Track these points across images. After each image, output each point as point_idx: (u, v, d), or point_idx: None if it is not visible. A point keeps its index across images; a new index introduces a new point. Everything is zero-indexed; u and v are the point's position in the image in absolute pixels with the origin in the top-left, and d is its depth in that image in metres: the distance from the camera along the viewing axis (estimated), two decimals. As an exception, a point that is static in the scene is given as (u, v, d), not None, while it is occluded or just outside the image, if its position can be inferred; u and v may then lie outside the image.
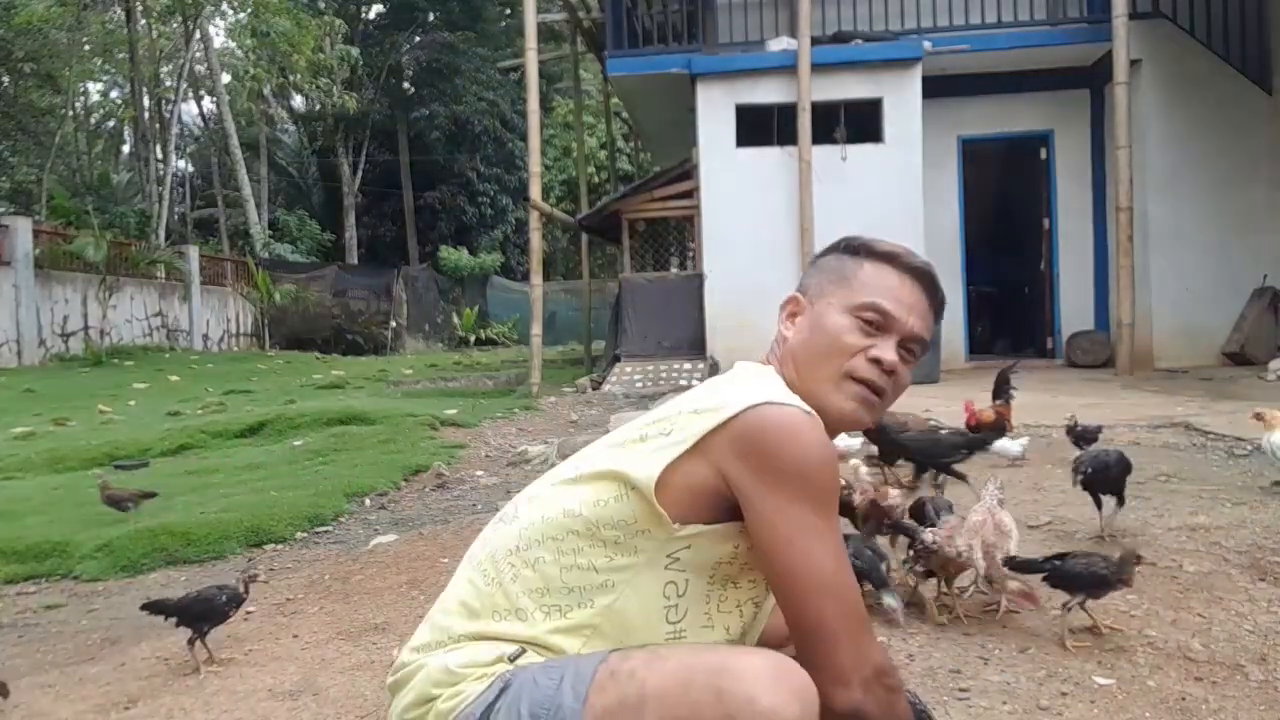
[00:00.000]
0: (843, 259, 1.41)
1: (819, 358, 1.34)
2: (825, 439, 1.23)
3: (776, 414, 1.21)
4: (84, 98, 28.92)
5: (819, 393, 1.32)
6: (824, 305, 1.37)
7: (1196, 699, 1.96)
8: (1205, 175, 9.87)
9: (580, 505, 1.29)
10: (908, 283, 1.38)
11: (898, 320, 1.34)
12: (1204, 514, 3.55)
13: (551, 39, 17.16)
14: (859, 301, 1.34)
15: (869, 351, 1.33)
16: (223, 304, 20.40)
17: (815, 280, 1.42)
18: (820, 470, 1.21)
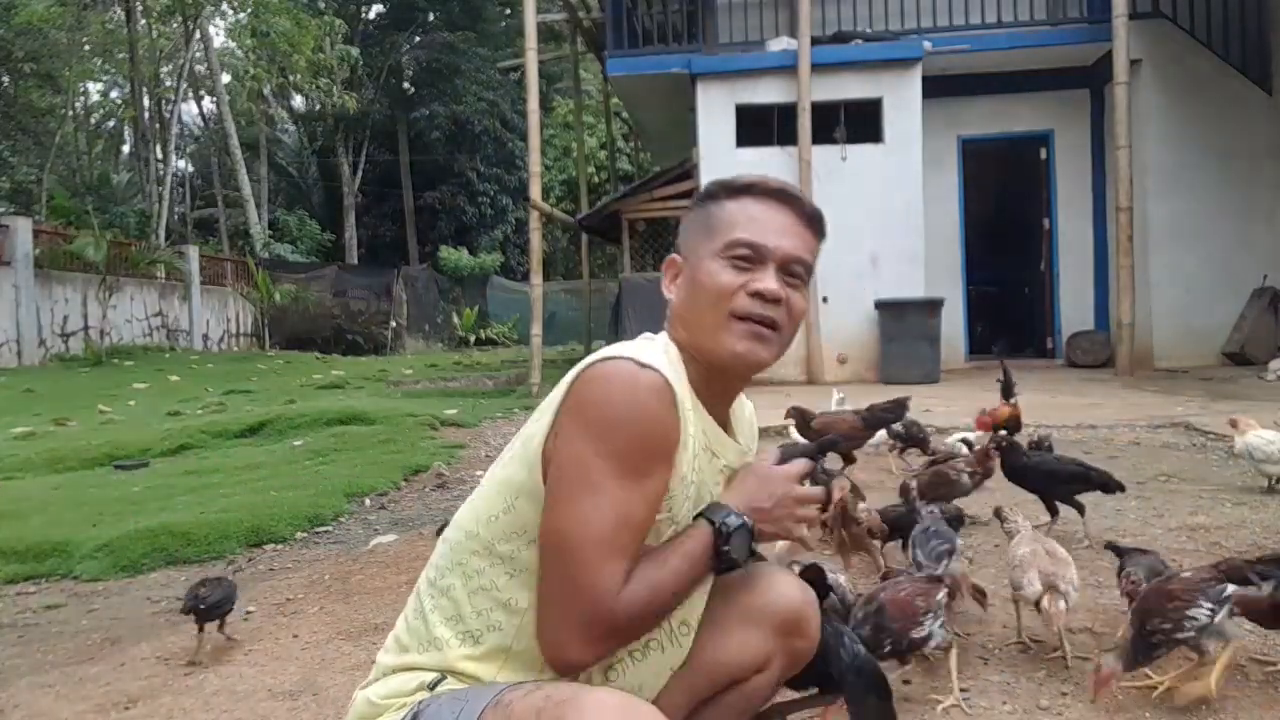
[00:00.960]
0: (705, 207, 1.36)
1: (701, 308, 1.30)
2: (646, 392, 1.17)
3: (600, 367, 1.19)
4: (84, 98, 28.93)
5: (709, 343, 1.29)
6: (696, 258, 1.33)
7: (1196, 699, 1.96)
8: (1205, 175, 9.87)
9: (476, 524, 1.27)
10: (770, 207, 1.34)
11: (768, 248, 1.30)
12: (1204, 514, 3.56)
13: (551, 39, 17.15)
14: (725, 241, 1.30)
15: (748, 286, 1.28)
16: (223, 304, 20.40)
17: (686, 237, 1.37)
18: (621, 421, 1.15)
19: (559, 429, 1.19)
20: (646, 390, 1.17)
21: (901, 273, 9.50)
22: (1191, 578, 1.94)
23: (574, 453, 1.16)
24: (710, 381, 1.33)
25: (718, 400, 1.37)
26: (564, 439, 1.18)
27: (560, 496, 1.17)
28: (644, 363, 1.18)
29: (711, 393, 1.33)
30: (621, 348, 1.23)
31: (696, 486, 1.29)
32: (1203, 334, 9.81)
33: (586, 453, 1.15)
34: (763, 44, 10.19)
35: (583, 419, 1.17)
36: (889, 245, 9.57)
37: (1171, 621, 1.85)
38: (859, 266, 9.61)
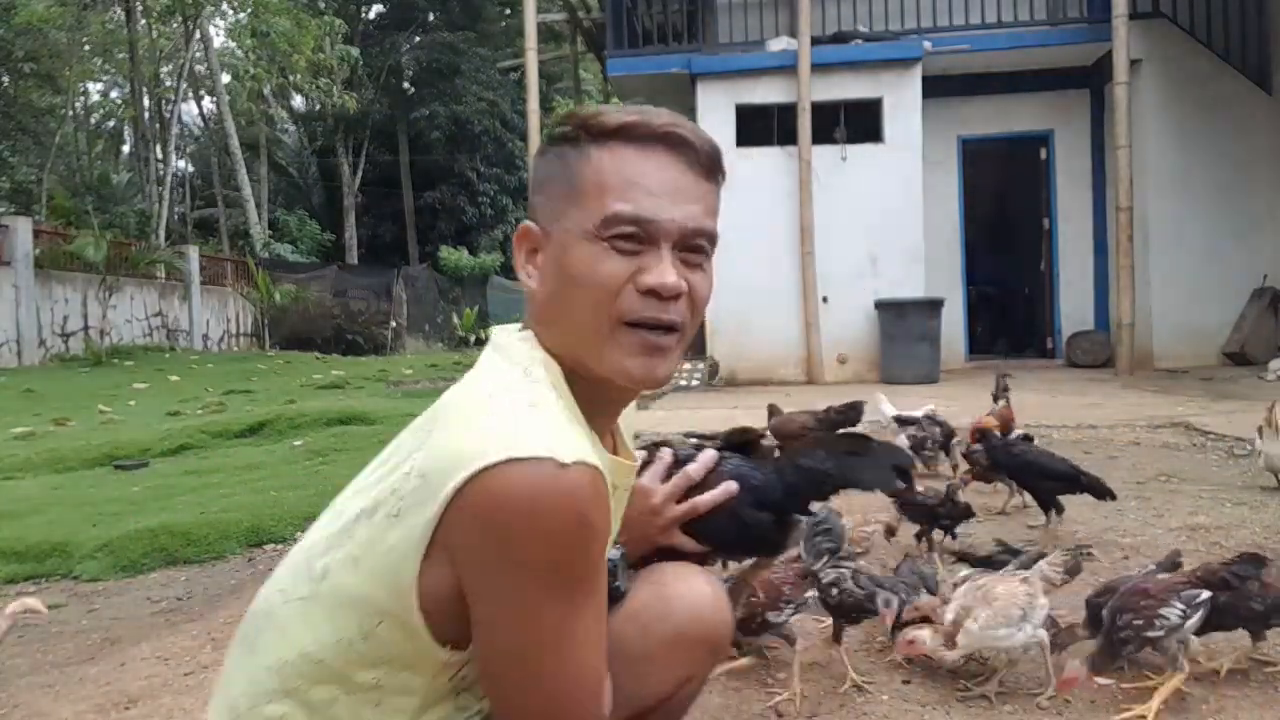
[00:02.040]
0: (564, 153, 1.01)
1: (576, 311, 0.99)
2: (585, 506, 0.89)
3: (505, 483, 0.87)
4: (84, 98, 28.94)
5: (589, 358, 1.00)
6: (561, 234, 1.00)
7: (1196, 699, 1.96)
8: (1205, 175, 9.88)
9: (320, 649, 0.98)
10: (657, 158, 0.99)
11: (660, 222, 0.97)
12: (1204, 514, 3.55)
13: (551, 39, 17.16)
14: (600, 216, 0.97)
15: (637, 280, 0.97)
16: (223, 304, 20.40)
17: (543, 197, 1.03)
18: (569, 553, 0.90)
19: (461, 563, 0.91)
20: (582, 503, 0.89)
21: (901, 273, 9.50)
22: (1168, 580, 1.95)
23: (513, 604, 0.91)
24: (595, 399, 1.04)
25: (607, 418, 1.09)
26: (483, 586, 0.91)
27: (521, 656, 0.93)
28: (563, 461, 0.88)
29: (597, 410, 1.05)
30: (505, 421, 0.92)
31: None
32: (1203, 334, 9.82)
33: (532, 598, 0.90)
34: (763, 44, 10.19)
35: (509, 561, 0.89)
36: (889, 245, 9.57)
37: (1143, 619, 1.85)
38: (859, 266, 9.61)
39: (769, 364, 9.70)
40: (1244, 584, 1.95)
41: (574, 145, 1.00)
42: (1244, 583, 1.95)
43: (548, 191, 1.02)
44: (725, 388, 9.43)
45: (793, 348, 9.65)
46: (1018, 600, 1.90)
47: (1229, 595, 1.92)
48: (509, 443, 0.88)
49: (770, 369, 9.68)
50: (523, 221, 1.06)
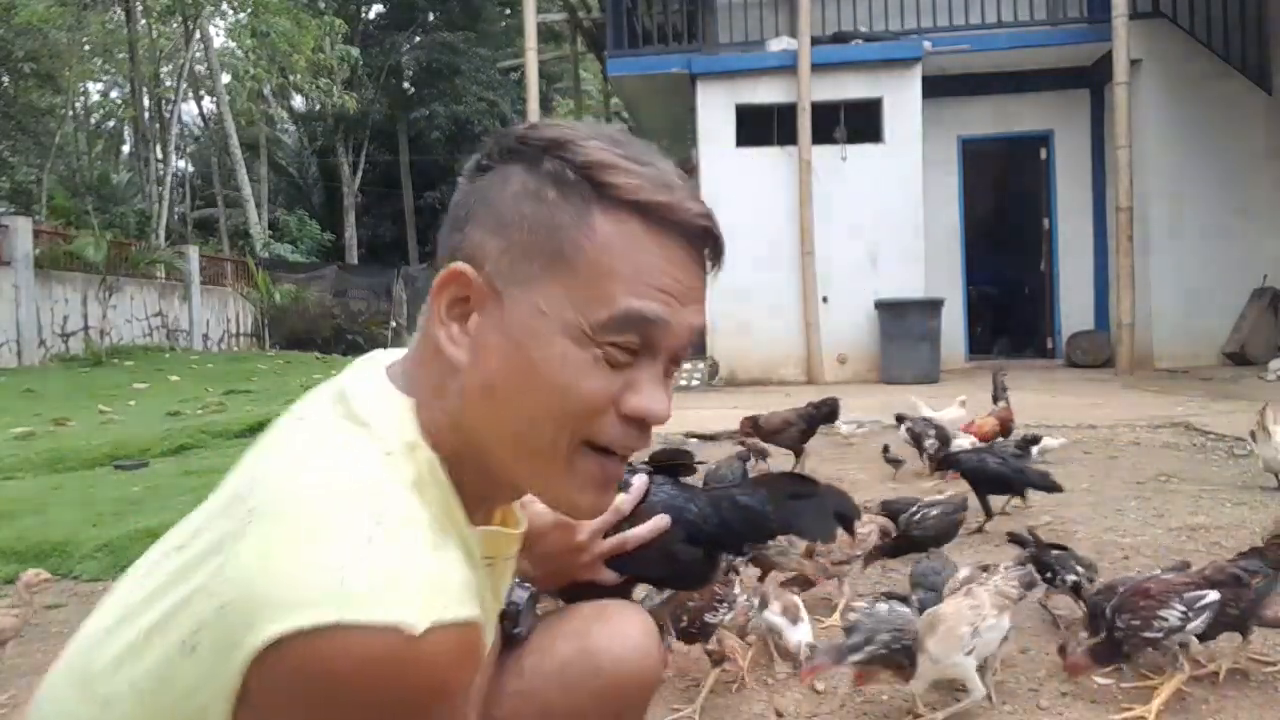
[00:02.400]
0: (547, 198, 0.75)
1: (532, 417, 0.76)
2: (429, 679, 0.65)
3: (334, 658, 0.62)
4: (84, 98, 28.93)
5: (533, 479, 0.80)
6: (527, 310, 0.75)
7: (1196, 699, 1.96)
8: (1205, 175, 9.88)
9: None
10: (679, 252, 0.77)
11: (675, 332, 0.78)
12: (1204, 514, 3.55)
13: (551, 39, 17.17)
14: (604, 314, 0.74)
15: (624, 403, 0.76)
16: (223, 304, 20.40)
17: (503, 240, 0.76)
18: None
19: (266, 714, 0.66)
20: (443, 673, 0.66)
21: (901, 273, 9.50)
22: (1172, 580, 1.92)
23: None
24: (488, 492, 0.83)
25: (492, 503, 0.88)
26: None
27: None
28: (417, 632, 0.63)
29: (485, 498, 0.84)
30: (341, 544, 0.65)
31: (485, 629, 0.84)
32: (1203, 334, 9.82)
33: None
34: (763, 44, 10.20)
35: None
36: (889, 245, 9.57)
37: (1141, 620, 1.83)
38: (859, 266, 9.61)
39: (769, 364, 9.70)
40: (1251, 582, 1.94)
41: (566, 194, 0.75)
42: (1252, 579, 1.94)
43: (512, 239, 0.76)
44: (725, 388, 9.43)
45: (793, 348, 9.65)
46: (964, 618, 1.81)
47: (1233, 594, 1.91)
48: (341, 597, 0.62)
49: (770, 369, 9.68)
50: (453, 262, 0.77)
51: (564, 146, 0.76)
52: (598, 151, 0.76)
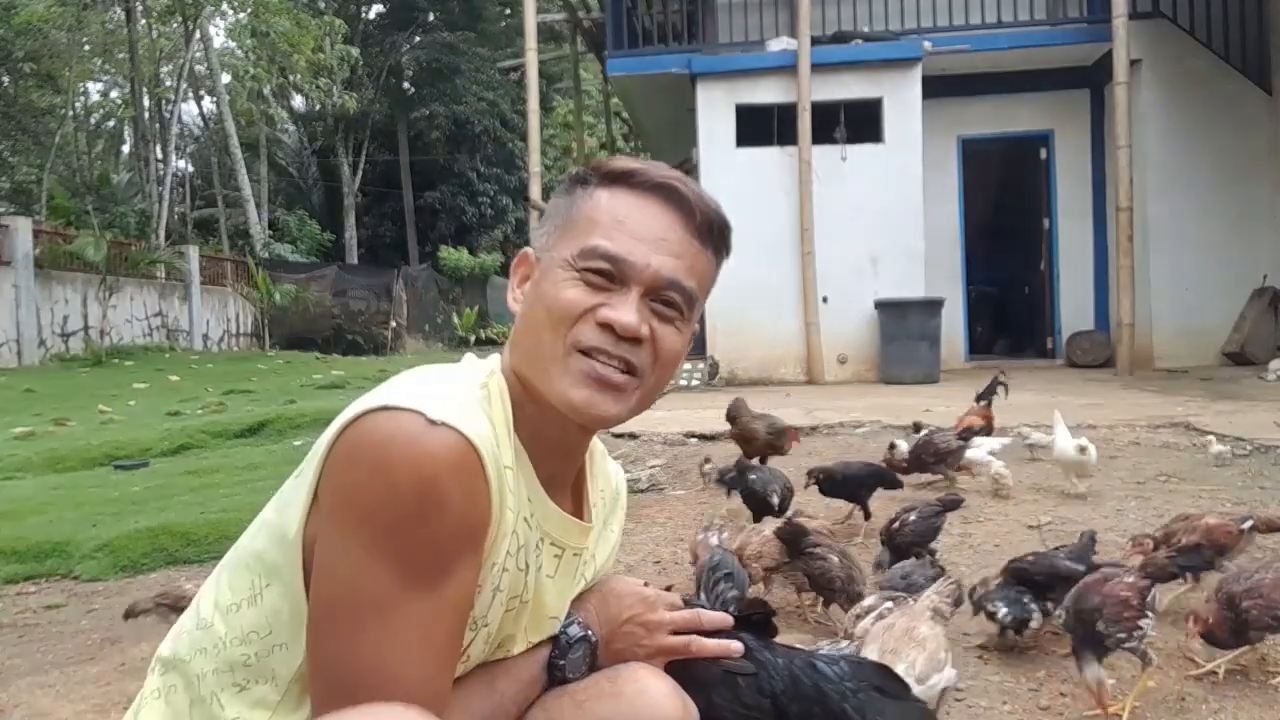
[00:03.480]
0: (573, 192, 1.04)
1: (539, 331, 0.99)
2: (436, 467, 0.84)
3: (371, 425, 0.86)
4: (84, 98, 28.91)
5: (542, 380, 0.98)
6: (547, 262, 1.01)
7: (1196, 699, 1.96)
8: (1205, 175, 9.88)
9: (214, 613, 0.97)
10: (650, 208, 1.00)
11: (633, 264, 0.97)
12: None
13: (551, 39, 17.16)
14: (581, 247, 0.98)
15: (597, 312, 0.97)
16: (223, 304, 20.41)
17: (544, 229, 1.05)
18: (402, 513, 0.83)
19: (321, 510, 0.89)
20: (436, 463, 0.84)
21: (901, 273, 9.50)
22: (1134, 585, 1.91)
23: (341, 556, 0.85)
24: (546, 431, 1.01)
25: (557, 459, 1.05)
26: (326, 532, 0.87)
27: (331, 616, 0.86)
28: (434, 418, 0.85)
29: (548, 447, 1.02)
30: (414, 385, 0.91)
31: (521, 578, 0.99)
32: (1203, 334, 9.82)
33: (358, 555, 0.84)
34: (763, 44, 10.20)
35: (347, 508, 0.86)
36: (889, 245, 9.57)
37: (1126, 631, 1.86)
38: (859, 266, 9.61)
39: (769, 364, 9.70)
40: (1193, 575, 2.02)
41: (584, 185, 1.03)
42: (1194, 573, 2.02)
43: (549, 224, 1.05)
44: (725, 388, 9.42)
45: (793, 348, 9.65)
46: (942, 644, 1.72)
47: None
48: (394, 396, 0.88)
49: (770, 369, 9.68)
50: (523, 250, 1.08)
51: (593, 161, 1.07)
52: (611, 159, 1.05)
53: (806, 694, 1.06)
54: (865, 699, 1.05)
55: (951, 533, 3.19)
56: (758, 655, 1.08)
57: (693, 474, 4.79)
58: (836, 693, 1.06)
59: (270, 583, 0.93)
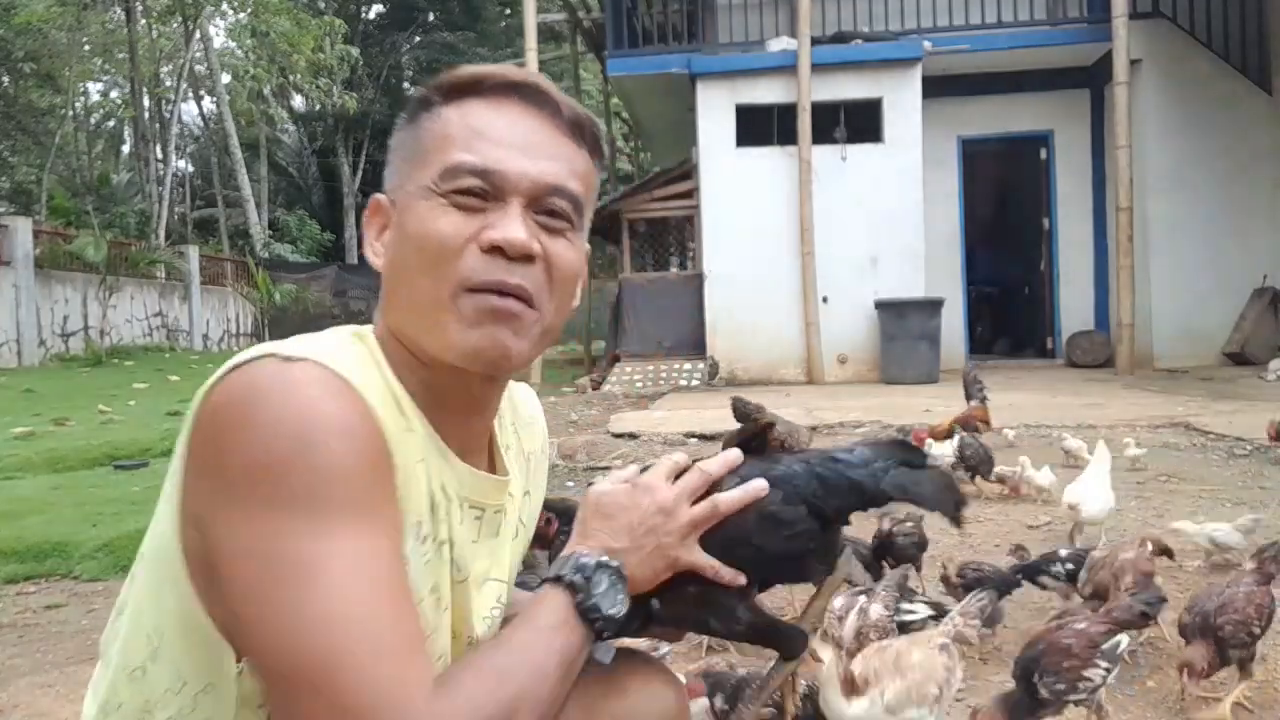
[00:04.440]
0: (416, 119, 0.89)
1: (413, 278, 0.85)
2: (305, 390, 0.75)
3: (227, 384, 0.76)
4: (84, 98, 28.92)
5: (431, 334, 0.85)
6: (403, 199, 0.87)
7: (1196, 699, 1.96)
8: (1205, 175, 9.88)
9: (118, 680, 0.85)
10: (510, 112, 0.87)
11: (506, 173, 0.84)
12: (1204, 514, 3.55)
13: (551, 39, 17.17)
14: (441, 167, 0.85)
15: (480, 237, 0.83)
16: (223, 304, 20.42)
17: (392, 168, 0.91)
18: (286, 448, 0.72)
19: (196, 494, 0.77)
20: (304, 390, 0.75)
21: (901, 273, 9.50)
22: (1089, 631, 1.76)
23: (241, 534, 0.73)
24: (445, 396, 0.88)
25: (463, 423, 0.91)
26: (212, 521, 0.75)
27: (260, 601, 0.72)
28: (289, 355, 0.77)
29: (449, 409, 0.89)
30: (260, 349, 0.80)
31: (446, 547, 0.87)
32: (1203, 334, 9.82)
33: (258, 521, 0.72)
34: (763, 44, 10.19)
35: (226, 478, 0.74)
36: (889, 245, 9.57)
37: (1066, 683, 1.68)
38: (859, 266, 9.61)
39: (769, 364, 9.70)
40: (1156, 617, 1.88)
41: (428, 109, 0.89)
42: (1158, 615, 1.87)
43: (397, 160, 0.90)
44: (725, 387, 9.43)
45: (793, 348, 9.65)
46: (936, 676, 1.58)
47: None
48: (244, 355, 0.78)
49: (770, 369, 9.68)
50: (373, 196, 0.93)
51: (424, 87, 0.91)
52: (442, 76, 0.90)
53: (839, 488, 0.97)
54: (898, 475, 0.97)
55: (952, 532, 3.19)
56: (772, 473, 0.97)
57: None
58: (868, 476, 0.97)
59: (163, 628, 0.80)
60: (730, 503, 0.94)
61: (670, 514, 0.92)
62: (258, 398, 0.74)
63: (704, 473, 0.96)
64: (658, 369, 9.84)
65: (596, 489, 0.97)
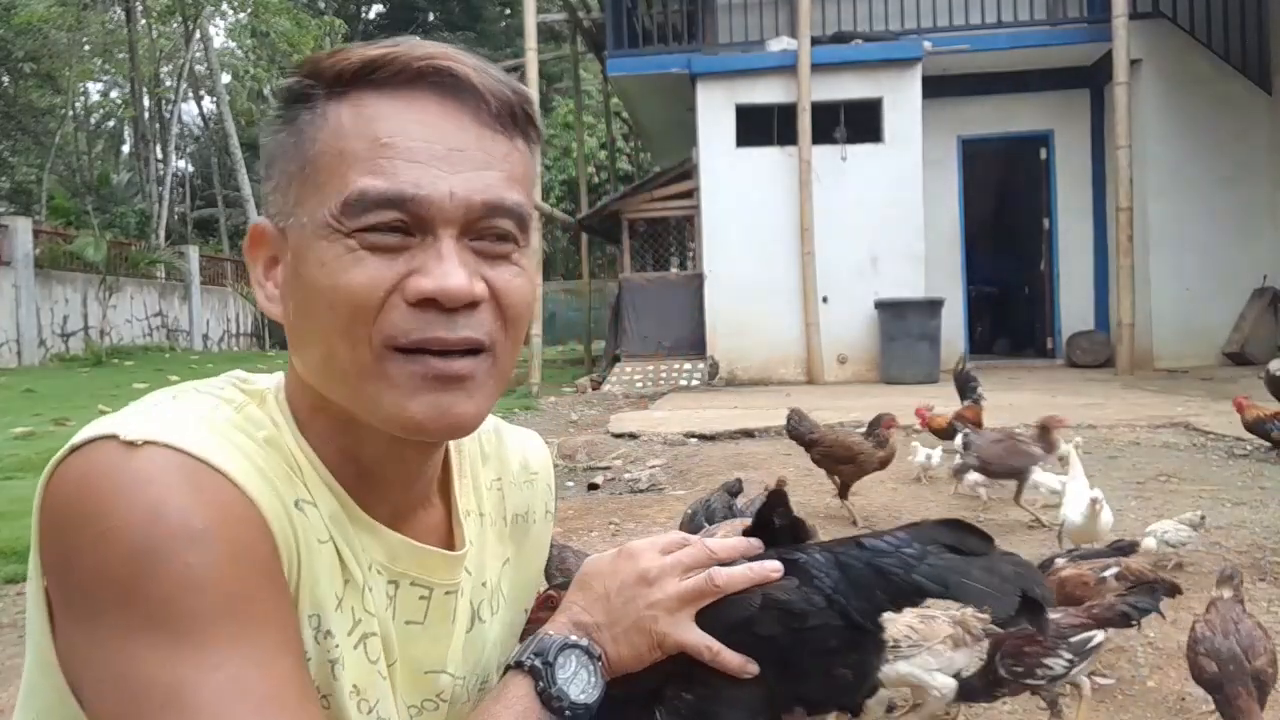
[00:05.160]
0: (294, 119, 0.70)
1: (327, 339, 0.68)
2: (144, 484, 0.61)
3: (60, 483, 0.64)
4: (84, 98, 28.92)
5: (356, 403, 0.70)
6: (296, 233, 0.69)
7: (1196, 699, 1.96)
8: (1205, 175, 9.87)
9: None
10: (421, 110, 0.68)
11: (430, 199, 0.67)
12: (1204, 514, 3.55)
13: (551, 39, 17.16)
14: (343, 197, 0.66)
15: (405, 286, 0.67)
16: (223, 304, 20.42)
17: (273, 182, 0.72)
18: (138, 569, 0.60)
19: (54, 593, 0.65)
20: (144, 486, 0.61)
21: (901, 273, 9.50)
22: (1058, 622, 1.76)
23: (100, 662, 0.61)
24: (370, 461, 0.75)
25: (392, 489, 0.77)
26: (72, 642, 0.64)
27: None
28: (132, 437, 0.62)
29: (378, 476, 0.76)
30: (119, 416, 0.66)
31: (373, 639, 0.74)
32: (1203, 334, 9.81)
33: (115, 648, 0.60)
34: (763, 44, 10.19)
35: (73, 595, 0.63)
36: (889, 245, 9.57)
37: (1024, 666, 1.70)
38: (859, 266, 9.61)
39: (769, 364, 9.70)
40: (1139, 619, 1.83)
41: (308, 104, 0.69)
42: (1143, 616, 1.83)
43: (275, 173, 0.71)
44: (725, 387, 9.43)
45: (793, 348, 9.65)
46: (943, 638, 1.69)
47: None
48: (82, 432, 0.64)
49: (770, 369, 9.68)
50: (254, 222, 0.74)
51: (305, 61, 0.72)
52: (317, 57, 0.71)
53: (863, 580, 0.79)
54: (937, 562, 0.79)
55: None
56: (790, 558, 0.81)
57: (692, 473, 4.79)
58: (899, 565, 0.79)
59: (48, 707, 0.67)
60: (730, 580, 0.78)
61: (653, 583, 0.78)
62: (92, 499, 0.61)
63: (707, 549, 0.81)
64: (658, 369, 9.84)
65: (593, 559, 0.84)
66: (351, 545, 0.73)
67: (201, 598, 0.60)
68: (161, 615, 0.60)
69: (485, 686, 0.86)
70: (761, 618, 0.78)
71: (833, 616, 0.78)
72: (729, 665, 0.75)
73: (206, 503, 0.62)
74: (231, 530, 0.62)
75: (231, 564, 0.62)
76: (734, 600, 0.78)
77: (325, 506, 0.71)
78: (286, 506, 0.67)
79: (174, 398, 0.71)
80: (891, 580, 0.78)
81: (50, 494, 0.64)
